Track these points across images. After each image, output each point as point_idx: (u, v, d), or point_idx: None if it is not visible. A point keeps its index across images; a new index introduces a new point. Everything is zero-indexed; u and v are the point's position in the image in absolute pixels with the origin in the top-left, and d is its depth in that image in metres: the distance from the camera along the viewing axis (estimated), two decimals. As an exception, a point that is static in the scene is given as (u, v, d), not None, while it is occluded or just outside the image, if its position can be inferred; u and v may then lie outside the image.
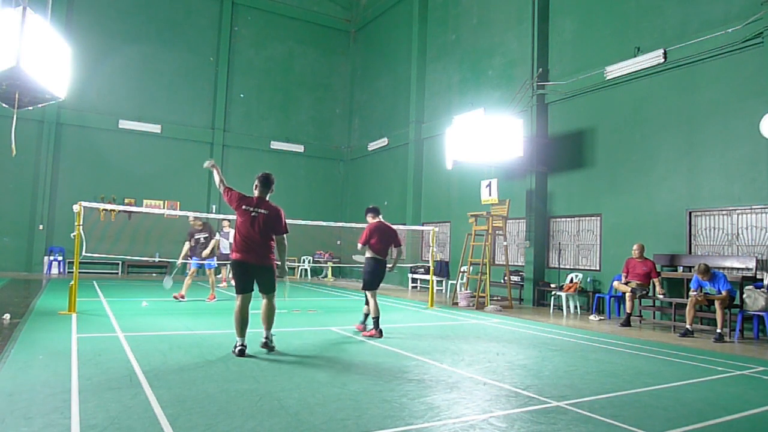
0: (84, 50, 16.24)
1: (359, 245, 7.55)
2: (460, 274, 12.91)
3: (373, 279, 7.43)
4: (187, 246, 11.22)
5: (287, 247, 6.00)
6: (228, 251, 13.90)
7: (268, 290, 5.85)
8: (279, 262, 5.94)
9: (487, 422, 3.74)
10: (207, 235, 11.17)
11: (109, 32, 18.43)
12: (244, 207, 5.77)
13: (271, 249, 5.83)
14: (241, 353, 5.54)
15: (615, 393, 4.68)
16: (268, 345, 5.86)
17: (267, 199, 5.92)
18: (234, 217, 6.04)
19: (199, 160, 19.92)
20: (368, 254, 7.48)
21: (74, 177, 17.60)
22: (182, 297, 10.77)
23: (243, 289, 5.76)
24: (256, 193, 5.90)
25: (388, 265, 7.55)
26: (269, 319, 5.87)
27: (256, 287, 5.87)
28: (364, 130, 22.02)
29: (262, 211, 5.76)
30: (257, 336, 5.98)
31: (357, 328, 7.69)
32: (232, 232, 14.07)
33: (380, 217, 7.71)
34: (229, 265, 15.55)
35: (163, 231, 18.36)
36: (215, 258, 11.73)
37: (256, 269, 5.75)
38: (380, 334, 7.18)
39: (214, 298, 11.30)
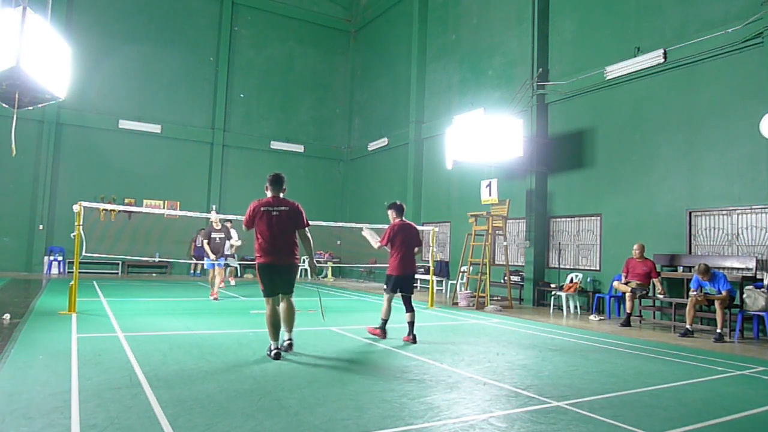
0: (84, 50, 16.24)
1: (378, 245, 7.22)
2: (460, 274, 12.91)
3: (395, 282, 7.13)
4: (206, 244, 11.73)
5: (312, 240, 6.00)
6: (229, 251, 13.91)
7: (289, 291, 5.82)
8: (309, 261, 6.10)
9: (487, 422, 3.74)
10: (223, 235, 11.73)
11: (109, 32, 18.43)
12: (263, 208, 5.70)
13: (295, 247, 5.81)
14: (277, 356, 5.49)
15: (615, 393, 4.68)
16: (291, 346, 5.86)
17: (282, 196, 5.89)
18: (236, 217, 6.10)
19: (199, 160, 20.21)
20: (392, 257, 7.13)
21: (74, 177, 17.59)
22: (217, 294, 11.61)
23: (272, 292, 5.73)
24: (268, 194, 5.87)
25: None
26: (291, 318, 5.86)
27: None
28: (364, 130, 22.02)
29: (282, 208, 5.74)
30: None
31: (370, 331, 7.36)
32: (233, 232, 14.15)
33: (403, 216, 7.36)
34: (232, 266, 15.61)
35: (163, 231, 18.39)
36: (224, 258, 12.27)
37: (282, 269, 5.73)
38: (383, 334, 7.09)
39: (216, 297, 11.45)
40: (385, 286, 7.30)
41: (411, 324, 6.99)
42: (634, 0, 11.47)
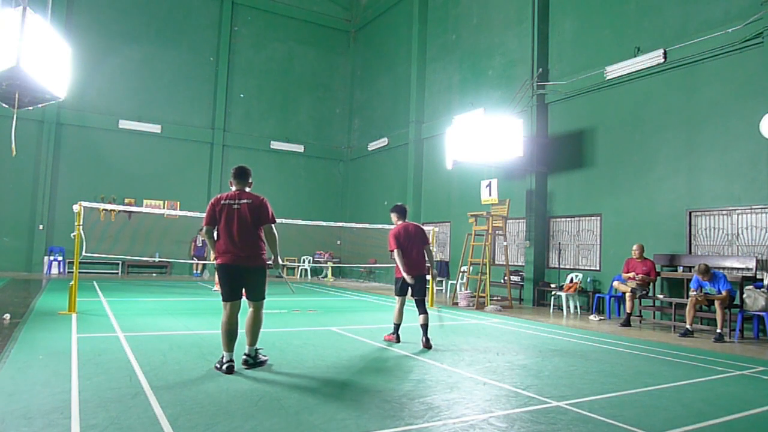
0: (84, 50, 16.24)
1: (395, 252, 6.79)
2: (460, 274, 12.91)
3: (403, 284, 6.82)
4: None
5: (278, 237, 5.19)
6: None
7: (256, 297, 5.12)
8: (272, 259, 5.28)
9: (487, 422, 3.74)
10: None
11: (109, 32, 18.43)
12: (223, 201, 5.09)
13: (261, 246, 5.12)
14: (229, 370, 4.84)
15: (615, 393, 4.68)
16: (248, 363, 5.05)
17: (248, 191, 5.26)
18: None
19: (199, 160, 20.24)
20: (399, 261, 6.76)
21: (74, 177, 17.60)
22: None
23: (230, 296, 5.05)
24: (233, 188, 5.25)
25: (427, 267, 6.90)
26: (253, 331, 5.09)
27: None
28: (364, 130, 22.02)
29: (245, 201, 5.07)
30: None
31: (386, 338, 7.01)
32: None
33: (406, 218, 7.04)
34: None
35: (163, 231, 18.40)
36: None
37: (243, 271, 5.05)
38: (397, 339, 6.84)
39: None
40: (394, 290, 7.04)
41: (424, 327, 6.62)
42: (634, 0, 11.47)
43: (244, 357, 5.11)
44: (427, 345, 6.50)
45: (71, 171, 17.65)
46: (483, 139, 12.37)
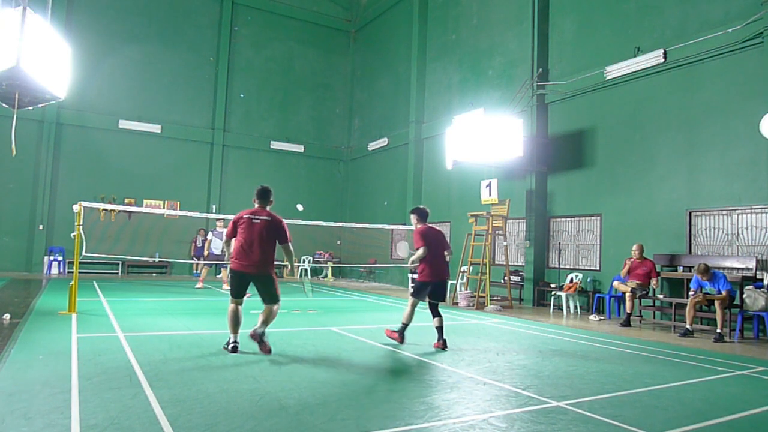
0: (84, 50, 16.24)
1: (420, 250, 6.65)
2: (460, 274, 12.91)
3: (422, 288, 6.78)
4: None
5: (293, 254, 6.15)
6: (219, 251, 13.92)
7: (270, 301, 5.83)
8: (288, 268, 6.12)
9: (487, 422, 3.74)
10: None
11: (109, 32, 18.42)
12: (245, 216, 5.85)
13: (271, 258, 5.84)
14: (234, 350, 5.71)
15: (615, 393, 4.68)
16: (255, 334, 5.68)
17: (269, 209, 6.02)
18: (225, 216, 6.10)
19: (199, 160, 20.22)
20: (424, 263, 6.72)
21: (74, 177, 17.59)
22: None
23: (237, 294, 5.84)
24: (255, 206, 6.01)
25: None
26: (268, 320, 5.82)
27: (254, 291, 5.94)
28: (364, 130, 22.02)
29: (263, 217, 5.83)
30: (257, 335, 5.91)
31: (388, 334, 6.92)
32: (225, 231, 14.24)
33: (426, 221, 7.04)
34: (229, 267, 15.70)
35: (163, 231, 18.40)
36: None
37: (253, 278, 5.80)
38: (401, 340, 6.71)
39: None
40: (412, 290, 6.93)
41: (440, 329, 6.59)
42: (634, 0, 11.47)
43: (254, 330, 5.70)
44: (444, 346, 6.48)
45: (71, 171, 17.63)
46: (483, 139, 12.37)
